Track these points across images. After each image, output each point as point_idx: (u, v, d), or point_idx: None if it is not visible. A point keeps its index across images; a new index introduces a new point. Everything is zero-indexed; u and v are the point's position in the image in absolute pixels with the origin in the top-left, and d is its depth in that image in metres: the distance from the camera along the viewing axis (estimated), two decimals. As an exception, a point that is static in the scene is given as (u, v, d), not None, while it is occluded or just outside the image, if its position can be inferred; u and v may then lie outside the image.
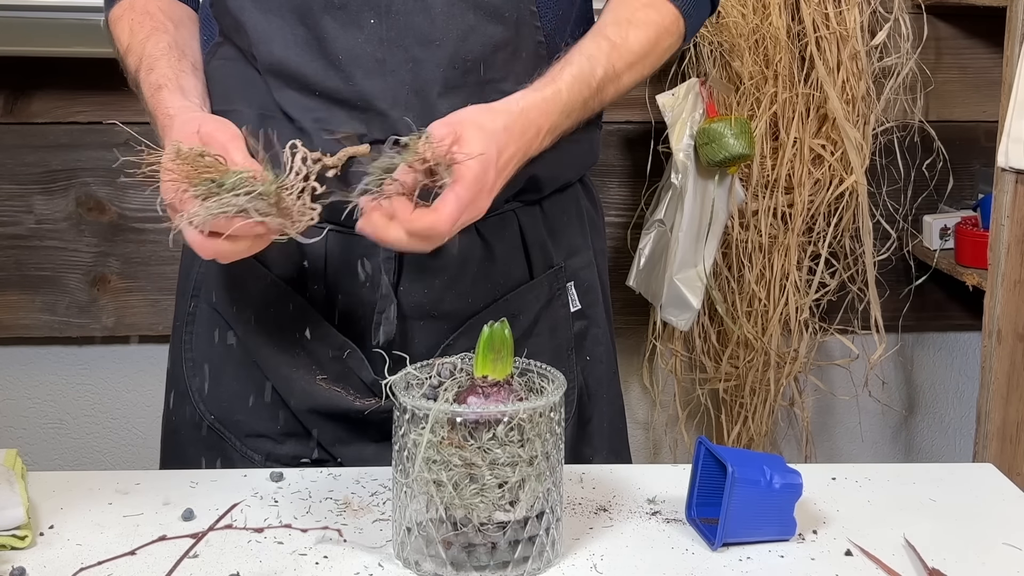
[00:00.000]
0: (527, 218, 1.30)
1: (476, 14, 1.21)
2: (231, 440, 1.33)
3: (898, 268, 2.59)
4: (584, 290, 1.37)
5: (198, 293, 1.35)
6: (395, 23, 1.20)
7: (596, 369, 1.38)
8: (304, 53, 1.21)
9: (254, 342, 1.30)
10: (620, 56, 1.24)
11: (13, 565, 1.03)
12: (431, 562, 1.03)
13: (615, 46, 1.24)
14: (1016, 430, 2.07)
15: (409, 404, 1.01)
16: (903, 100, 2.47)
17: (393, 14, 1.20)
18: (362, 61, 1.20)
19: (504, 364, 1.03)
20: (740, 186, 2.35)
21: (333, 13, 1.20)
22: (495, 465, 0.99)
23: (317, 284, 1.27)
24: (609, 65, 1.23)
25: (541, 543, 1.03)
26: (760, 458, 1.11)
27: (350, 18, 1.20)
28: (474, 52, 1.22)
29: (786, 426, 2.66)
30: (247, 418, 1.33)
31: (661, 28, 1.28)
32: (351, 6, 1.20)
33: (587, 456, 1.36)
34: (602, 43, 1.24)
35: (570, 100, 1.19)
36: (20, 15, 2.18)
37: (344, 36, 1.20)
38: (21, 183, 2.40)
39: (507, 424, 0.99)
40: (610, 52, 1.23)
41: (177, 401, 1.37)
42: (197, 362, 1.34)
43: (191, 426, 1.35)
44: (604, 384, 1.40)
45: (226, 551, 1.07)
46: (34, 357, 2.50)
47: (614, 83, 1.24)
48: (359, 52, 1.20)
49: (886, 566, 1.06)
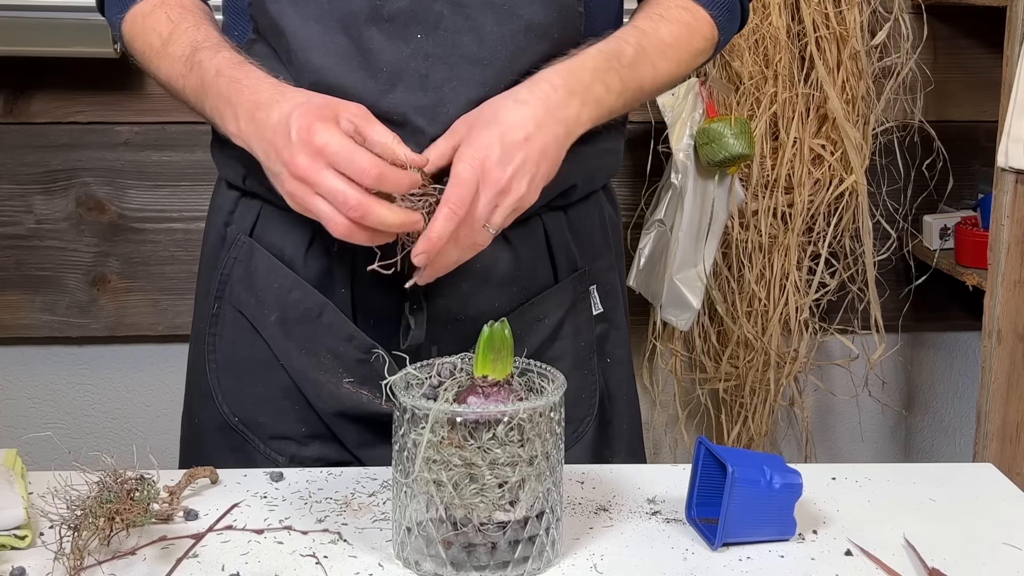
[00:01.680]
0: (553, 223, 1.30)
1: (527, 35, 1.20)
2: (255, 442, 1.33)
3: (898, 268, 2.59)
4: (606, 293, 1.36)
5: (222, 295, 1.33)
6: (442, 40, 1.19)
7: (616, 371, 1.38)
8: (344, 63, 1.19)
9: (280, 345, 1.30)
10: (650, 42, 1.24)
11: (13, 565, 1.03)
12: (431, 562, 1.03)
13: (644, 33, 1.24)
14: (1016, 430, 2.08)
15: (409, 404, 1.01)
16: (903, 100, 2.47)
17: (441, 31, 1.19)
18: (405, 75, 1.19)
19: (504, 364, 1.03)
20: (740, 186, 2.35)
21: (380, 25, 1.19)
22: (495, 465, 0.99)
23: (344, 287, 1.27)
24: (639, 47, 1.23)
25: (541, 543, 1.03)
26: (760, 458, 1.11)
27: (397, 31, 1.19)
28: (521, 72, 1.21)
29: (786, 426, 2.66)
30: (271, 420, 1.32)
31: (694, 28, 1.28)
32: (399, 19, 1.18)
33: (607, 457, 1.36)
34: (630, 30, 1.25)
35: (598, 69, 1.19)
36: (20, 15, 2.18)
37: (389, 49, 1.19)
38: (21, 183, 2.40)
39: (507, 424, 0.99)
40: (640, 36, 1.24)
41: (200, 403, 1.36)
42: (221, 364, 1.34)
43: (214, 428, 1.34)
44: (623, 386, 1.39)
45: (226, 551, 1.07)
46: (34, 357, 2.51)
47: (648, 67, 1.24)
48: (403, 66, 1.19)
49: (886, 566, 1.06)
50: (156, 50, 1.27)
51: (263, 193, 1.28)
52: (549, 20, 1.21)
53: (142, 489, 1.04)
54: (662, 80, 1.27)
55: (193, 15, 1.28)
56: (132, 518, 1.03)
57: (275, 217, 1.28)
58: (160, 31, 1.26)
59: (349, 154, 1.07)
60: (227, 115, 1.17)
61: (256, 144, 1.14)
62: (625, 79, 1.21)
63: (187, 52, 1.22)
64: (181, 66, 1.23)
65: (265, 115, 1.12)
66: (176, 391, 2.49)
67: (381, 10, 1.18)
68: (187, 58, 1.22)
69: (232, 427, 1.33)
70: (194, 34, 1.24)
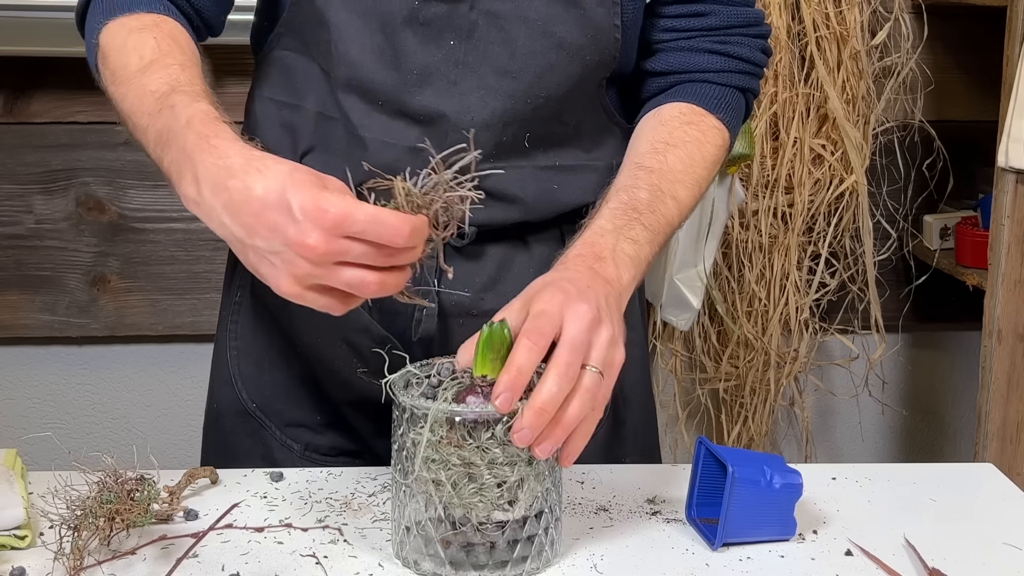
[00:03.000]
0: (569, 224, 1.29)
1: (559, 53, 1.21)
2: (271, 428, 1.35)
3: (898, 268, 2.59)
4: None
5: (244, 283, 1.36)
6: (474, 48, 1.19)
7: (631, 373, 1.37)
8: (378, 61, 1.20)
9: (297, 333, 1.31)
10: (662, 177, 1.21)
11: (13, 565, 1.03)
12: (430, 561, 1.03)
13: (652, 171, 1.21)
14: (1016, 430, 2.08)
15: (408, 403, 1.01)
16: (903, 100, 2.47)
17: (474, 39, 1.19)
18: (434, 80, 1.20)
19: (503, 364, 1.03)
20: (740, 186, 2.35)
21: (415, 28, 1.19)
22: (493, 464, 0.99)
23: None
24: (653, 187, 1.19)
25: (540, 543, 1.03)
26: (760, 458, 1.11)
27: (431, 35, 1.19)
28: (550, 89, 1.21)
29: (786, 426, 2.66)
30: (288, 407, 1.34)
31: (702, 142, 1.26)
32: (434, 24, 1.19)
33: (619, 458, 1.36)
34: (638, 172, 1.21)
35: (617, 227, 1.14)
36: (20, 15, 2.18)
37: (421, 52, 1.19)
38: (21, 183, 2.40)
39: (505, 424, 0.99)
40: (649, 176, 1.21)
41: (221, 388, 1.38)
42: (241, 350, 1.35)
43: (233, 414, 1.36)
44: (638, 388, 1.39)
45: (226, 551, 1.07)
46: (34, 357, 2.50)
47: (670, 201, 1.21)
48: (433, 71, 1.19)
49: (886, 566, 1.06)
50: (130, 73, 1.12)
51: None
52: (583, 40, 1.21)
53: (142, 489, 1.04)
54: (688, 206, 1.24)
55: (183, 53, 1.15)
56: (132, 518, 1.03)
57: None
58: (143, 54, 1.13)
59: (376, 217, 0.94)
60: (186, 176, 1.00)
61: (230, 219, 0.97)
62: (650, 225, 1.17)
63: (163, 90, 1.08)
64: (152, 103, 1.08)
65: (243, 185, 0.96)
66: (176, 391, 2.51)
67: (418, 13, 1.19)
68: (161, 96, 1.07)
69: (250, 413, 1.35)
70: (178, 74, 1.10)
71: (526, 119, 1.22)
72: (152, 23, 1.18)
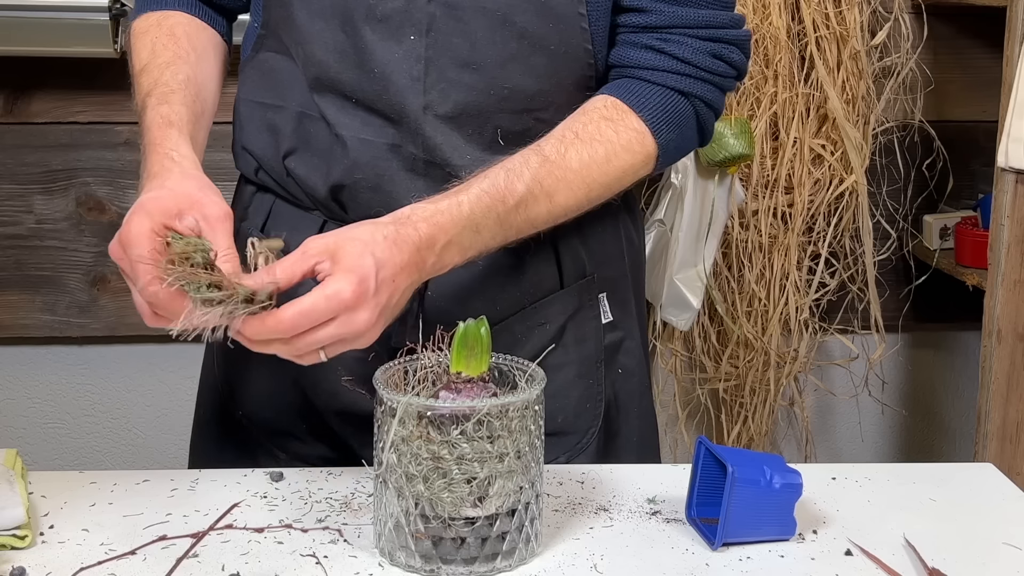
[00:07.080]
0: (560, 228, 1.26)
1: (520, 43, 1.20)
2: (258, 437, 1.34)
3: (898, 268, 2.59)
4: (618, 301, 1.34)
5: None
6: (434, 43, 1.19)
7: (628, 382, 1.36)
8: (342, 60, 1.21)
9: None
10: (550, 172, 1.17)
11: (13, 565, 1.03)
12: (402, 553, 1.04)
13: (547, 161, 1.17)
14: (1016, 430, 2.08)
15: (384, 396, 1.02)
16: (903, 100, 2.47)
17: (433, 33, 1.19)
18: (397, 76, 1.20)
19: (479, 361, 1.05)
20: (740, 186, 2.35)
21: (373, 25, 1.19)
22: (462, 460, 1.00)
23: None
24: (535, 182, 1.16)
25: (512, 541, 1.04)
26: (760, 458, 1.11)
27: (390, 32, 1.19)
28: (514, 80, 1.20)
29: (786, 426, 2.66)
30: (275, 416, 1.33)
31: (616, 146, 1.20)
32: (392, 20, 1.19)
33: None
34: (532, 158, 1.17)
35: (474, 213, 1.12)
36: (20, 15, 2.18)
37: (382, 49, 1.19)
38: (21, 183, 2.40)
39: (476, 420, 0.99)
40: (539, 168, 1.17)
41: (208, 396, 1.38)
42: (229, 358, 1.35)
43: (219, 422, 1.36)
44: (636, 397, 1.37)
45: (226, 551, 1.07)
46: (34, 357, 2.50)
47: (544, 202, 1.17)
48: (395, 67, 1.19)
49: (886, 566, 1.06)
50: (135, 72, 1.26)
51: (274, 187, 1.29)
52: (544, 30, 1.20)
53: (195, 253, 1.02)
54: (565, 209, 1.20)
55: (174, 50, 1.25)
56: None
57: (285, 212, 1.29)
58: (141, 56, 1.26)
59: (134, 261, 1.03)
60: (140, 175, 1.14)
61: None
62: (506, 221, 1.15)
63: (148, 90, 1.21)
64: (140, 101, 1.22)
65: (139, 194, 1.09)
66: (176, 391, 2.51)
67: (375, 9, 1.19)
68: (144, 96, 1.21)
69: (236, 421, 1.34)
70: (158, 74, 1.22)
71: (493, 112, 1.21)
72: (155, 23, 1.27)
